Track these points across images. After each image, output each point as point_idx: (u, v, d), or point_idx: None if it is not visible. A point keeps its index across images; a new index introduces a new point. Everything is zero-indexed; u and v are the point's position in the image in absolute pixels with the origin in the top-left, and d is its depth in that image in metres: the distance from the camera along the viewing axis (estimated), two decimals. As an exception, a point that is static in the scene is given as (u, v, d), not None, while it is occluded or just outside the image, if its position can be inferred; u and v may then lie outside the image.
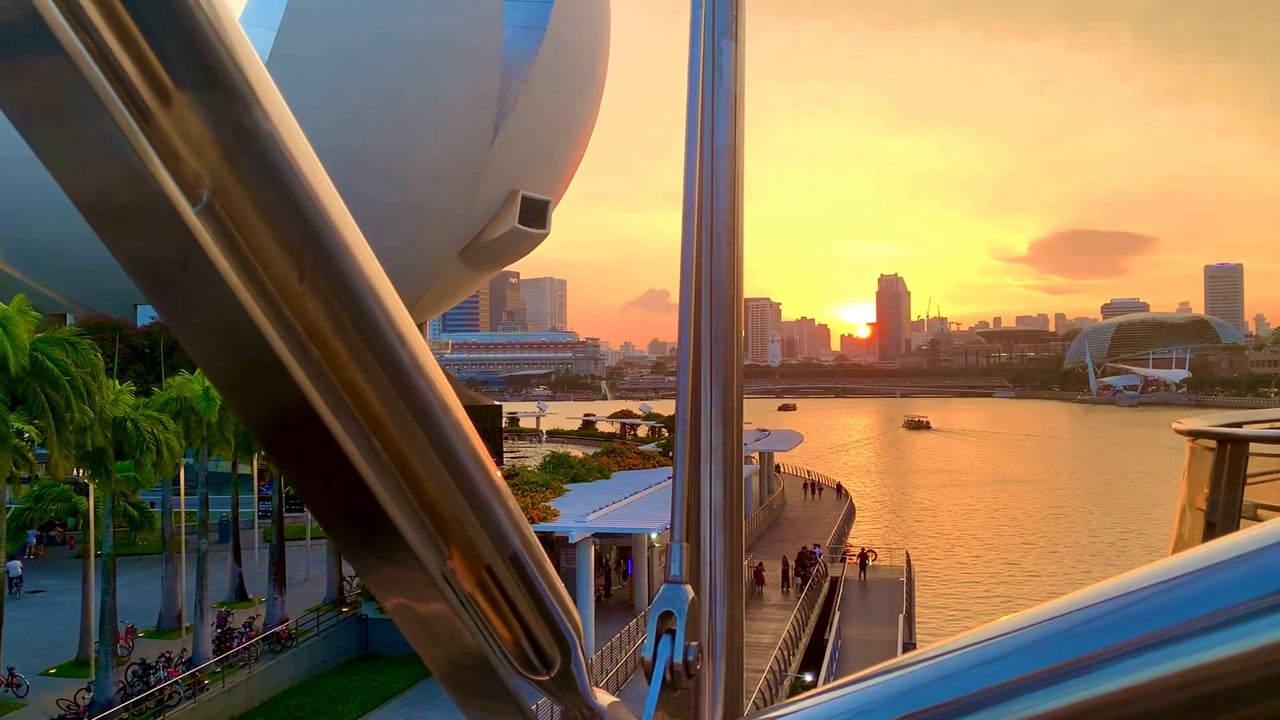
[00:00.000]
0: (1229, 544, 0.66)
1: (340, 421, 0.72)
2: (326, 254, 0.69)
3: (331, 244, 0.69)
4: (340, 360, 0.71)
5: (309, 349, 0.70)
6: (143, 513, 41.37)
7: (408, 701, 36.01)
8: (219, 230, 0.65)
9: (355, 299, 0.71)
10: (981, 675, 0.72)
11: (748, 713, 1.56)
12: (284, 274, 0.67)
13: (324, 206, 0.69)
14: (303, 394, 0.70)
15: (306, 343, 0.69)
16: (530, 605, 0.88)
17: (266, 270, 0.67)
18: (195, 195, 0.64)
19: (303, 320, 0.69)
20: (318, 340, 0.70)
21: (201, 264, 0.65)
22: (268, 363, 0.69)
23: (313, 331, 0.69)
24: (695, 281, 1.62)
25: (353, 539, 0.78)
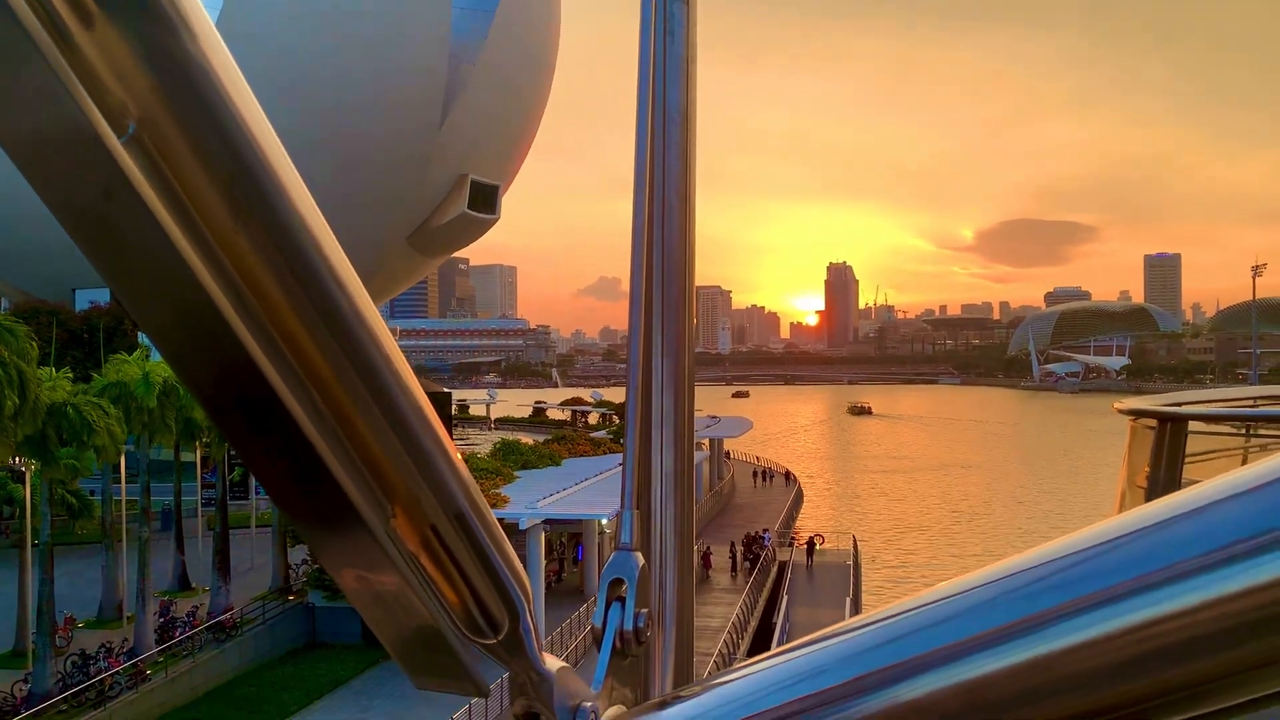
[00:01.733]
0: (1169, 504, 0.66)
1: (277, 370, 0.70)
2: (260, 192, 0.66)
3: (266, 182, 0.66)
4: (277, 306, 0.68)
5: (244, 293, 0.67)
6: (82, 501, 40.61)
7: (355, 690, 35.75)
8: (146, 163, 0.63)
9: (291, 241, 0.68)
10: (932, 636, 0.73)
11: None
12: (215, 211, 0.64)
13: (258, 142, 0.66)
14: (238, 340, 0.68)
15: (241, 286, 0.67)
16: (477, 566, 0.86)
17: (197, 207, 0.64)
18: (121, 125, 0.62)
19: (236, 262, 0.66)
20: (252, 283, 0.67)
21: (127, 197, 0.63)
22: (200, 306, 0.66)
23: (247, 274, 0.67)
24: (647, 248, 1.60)
25: (293, 495, 0.76)
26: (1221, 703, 0.66)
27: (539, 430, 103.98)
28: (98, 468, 36.51)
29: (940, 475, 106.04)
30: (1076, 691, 0.67)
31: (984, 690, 0.70)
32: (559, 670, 0.95)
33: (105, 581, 39.32)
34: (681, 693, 0.92)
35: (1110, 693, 0.66)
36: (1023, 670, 0.68)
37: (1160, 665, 0.64)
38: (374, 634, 0.88)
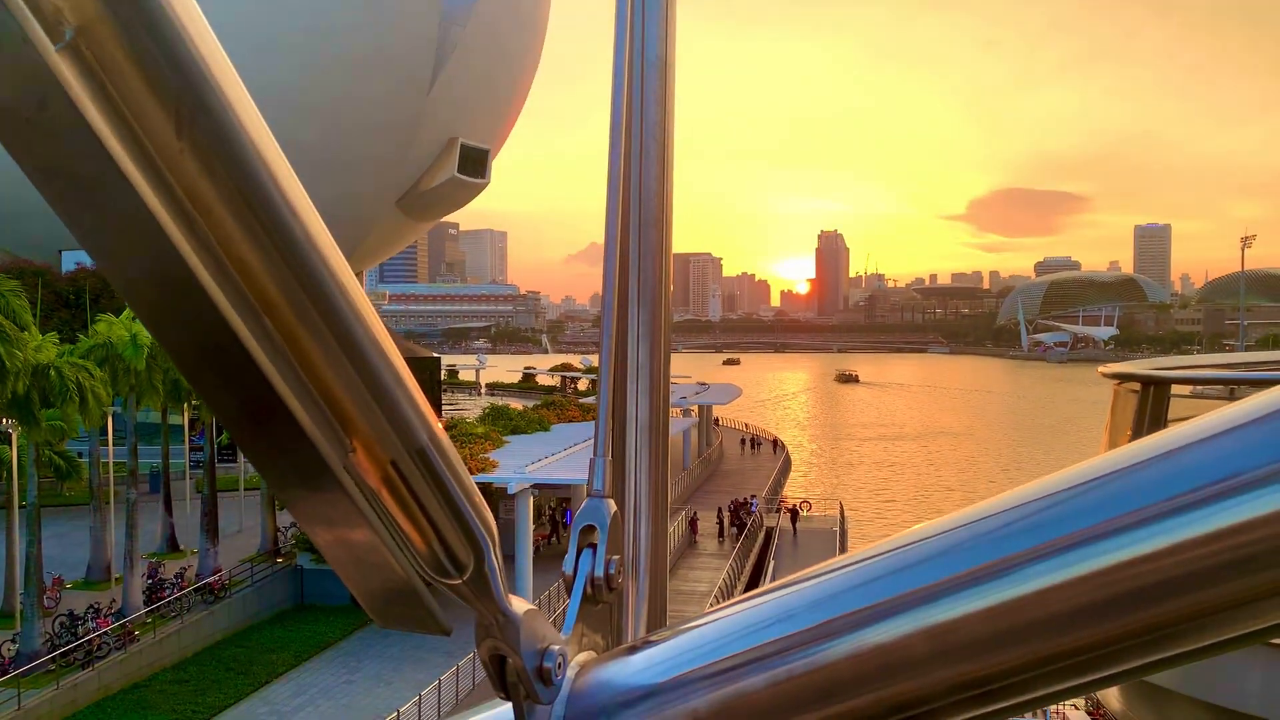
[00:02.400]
0: (1137, 449, 0.67)
1: (227, 296, 0.68)
2: (206, 108, 0.63)
3: (212, 97, 0.63)
4: (225, 228, 0.66)
5: (191, 214, 0.65)
6: (69, 462, 40.55)
7: (343, 651, 36.00)
8: (84, 73, 0.60)
9: (239, 160, 0.65)
10: (900, 580, 0.73)
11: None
12: (159, 126, 0.62)
13: (203, 55, 0.63)
14: (184, 263, 0.66)
15: (188, 207, 0.64)
16: (439, 504, 0.85)
17: (139, 121, 0.62)
18: (57, 32, 0.58)
19: (181, 180, 0.64)
20: (200, 205, 0.65)
21: (62, 108, 0.60)
22: (144, 226, 0.64)
23: (193, 194, 0.64)
24: (623, 195, 1.57)
25: (248, 428, 0.74)
26: (1188, 645, 0.67)
27: (528, 396, 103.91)
28: (84, 430, 36.39)
29: (928, 443, 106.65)
30: (1044, 635, 0.68)
31: (952, 633, 0.70)
32: (526, 612, 0.95)
33: (93, 543, 39.38)
34: (652, 637, 0.93)
35: (1078, 636, 0.67)
36: (990, 614, 0.69)
37: (1128, 609, 0.65)
38: (336, 573, 0.86)
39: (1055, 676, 0.70)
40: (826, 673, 0.76)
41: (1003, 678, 0.71)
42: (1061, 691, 0.72)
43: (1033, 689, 0.72)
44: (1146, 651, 0.67)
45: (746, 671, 0.80)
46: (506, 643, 0.93)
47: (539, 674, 0.94)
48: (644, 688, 0.87)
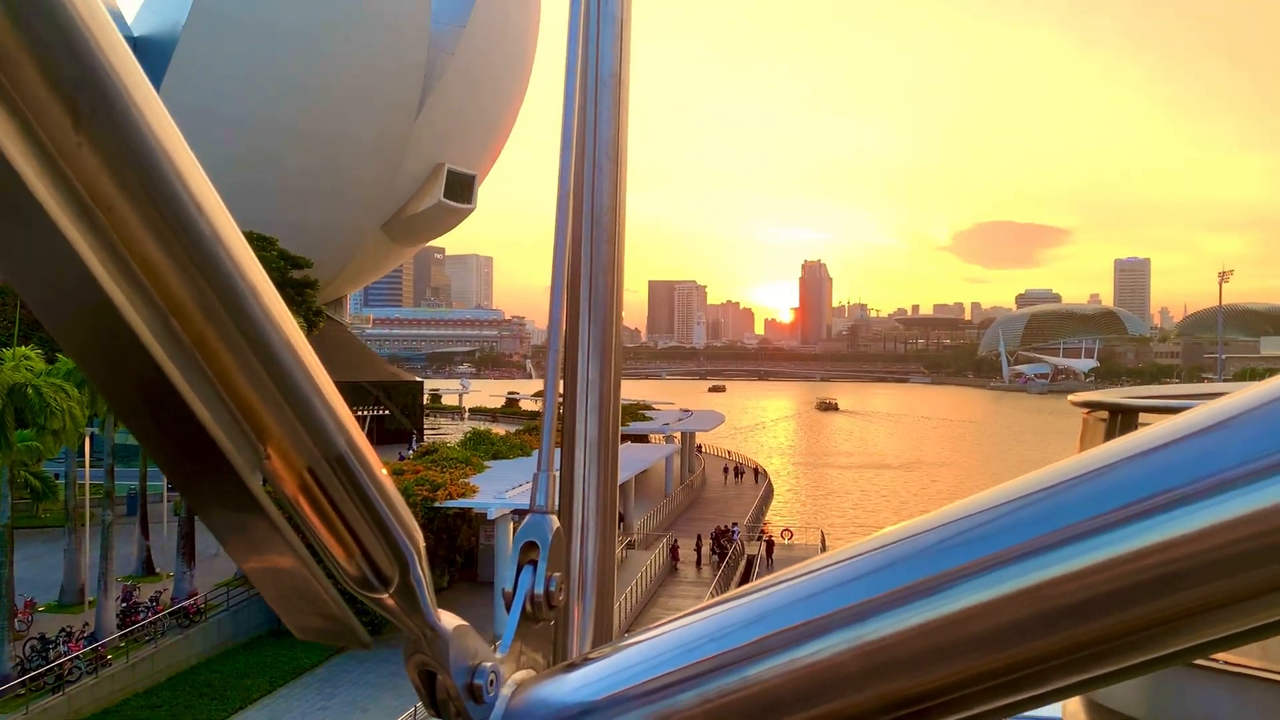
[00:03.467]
0: (1069, 466, 0.67)
1: (130, 296, 0.65)
2: (107, 100, 0.60)
3: (113, 89, 0.60)
4: (128, 226, 0.63)
5: (91, 211, 0.61)
6: (45, 483, 40.03)
7: (319, 678, 35.56)
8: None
9: (142, 155, 0.62)
10: (834, 597, 0.73)
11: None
12: (55, 119, 0.58)
13: (103, 45, 0.60)
14: (84, 263, 0.62)
15: (88, 203, 0.61)
16: (360, 514, 0.82)
17: (34, 113, 0.58)
18: None
19: (81, 176, 0.60)
20: (100, 201, 0.61)
21: None
22: (38, 223, 0.60)
23: (93, 190, 0.61)
24: (574, 210, 1.57)
25: (153, 432, 0.71)
26: (1118, 663, 0.67)
27: (512, 421, 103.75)
28: (56, 451, 36.02)
29: (910, 472, 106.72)
30: (977, 652, 0.67)
31: (884, 651, 0.70)
32: (456, 628, 0.92)
33: (67, 565, 38.83)
34: (591, 655, 0.90)
35: (1011, 653, 0.66)
36: (923, 631, 0.68)
37: (1058, 626, 0.64)
38: (251, 583, 0.83)
39: (988, 694, 0.70)
40: (759, 691, 0.75)
41: (935, 695, 0.70)
42: (995, 710, 0.72)
43: (966, 707, 0.71)
44: (1078, 669, 0.67)
45: (680, 689, 0.79)
46: (435, 659, 0.91)
47: (469, 691, 0.91)
48: (579, 705, 0.85)
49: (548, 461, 1.22)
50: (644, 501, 60.96)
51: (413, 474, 43.61)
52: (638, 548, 51.46)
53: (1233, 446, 0.60)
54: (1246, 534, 0.59)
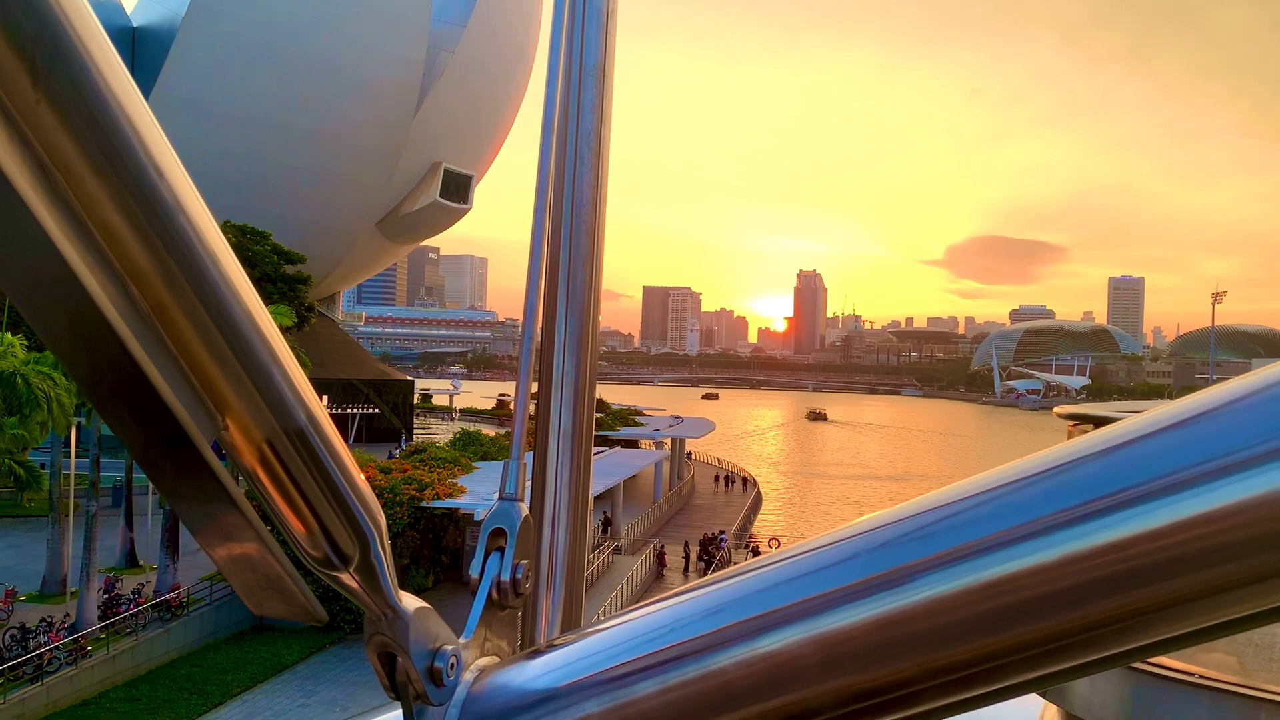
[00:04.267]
0: (1027, 464, 0.68)
1: (87, 260, 0.64)
2: (65, 56, 0.58)
3: (70, 46, 0.59)
4: (86, 187, 0.62)
5: (49, 171, 0.60)
6: (30, 472, 39.83)
7: (300, 674, 35.43)
8: None
9: (101, 114, 0.61)
10: (791, 590, 0.73)
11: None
12: (13, 75, 0.57)
13: (63, 6, 0.58)
14: (40, 225, 0.61)
15: (46, 163, 0.60)
16: (320, 490, 0.81)
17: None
18: None
19: (38, 134, 0.59)
20: (59, 161, 0.60)
21: None
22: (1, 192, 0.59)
23: (51, 149, 0.60)
24: (552, 201, 1.56)
25: (108, 398, 0.69)
26: (1076, 659, 0.67)
27: (502, 423, 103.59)
28: (43, 439, 35.85)
29: (901, 485, 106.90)
30: (934, 646, 0.68)
31: (842, 643, 0.70)
32: (418, 610, 0.92)
33: (50, 555, 38.67)
34: (555, 641, 0.91)
35: (968, 648, 0.67)
36: (881, 623, 0.69)
37: (1015, 621, 0.65)
38: (213, 560, 0.82)
39: (945, 689, 0.70)
40: (717, 680, 0.75)
41: (893, 689, 0.71)
42: (951, 705, 0.72)
43: (923, 701, 0.72)
44: (1034, 665, 0.68)
45: (640, 678, 0.79)
46: (395, 640, 0.90)
47: (430, 674, 0.91)
48: (539, 692, 0.85)
49: (519, 450, 1.23)
50: (632, 507, 60.93)
51: (400, 473, 43.52)
52: (624, 553, 51.43)
53: (1189, 446, 0.61)
54: (1202, 533, 0.59)
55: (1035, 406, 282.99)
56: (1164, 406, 0.64)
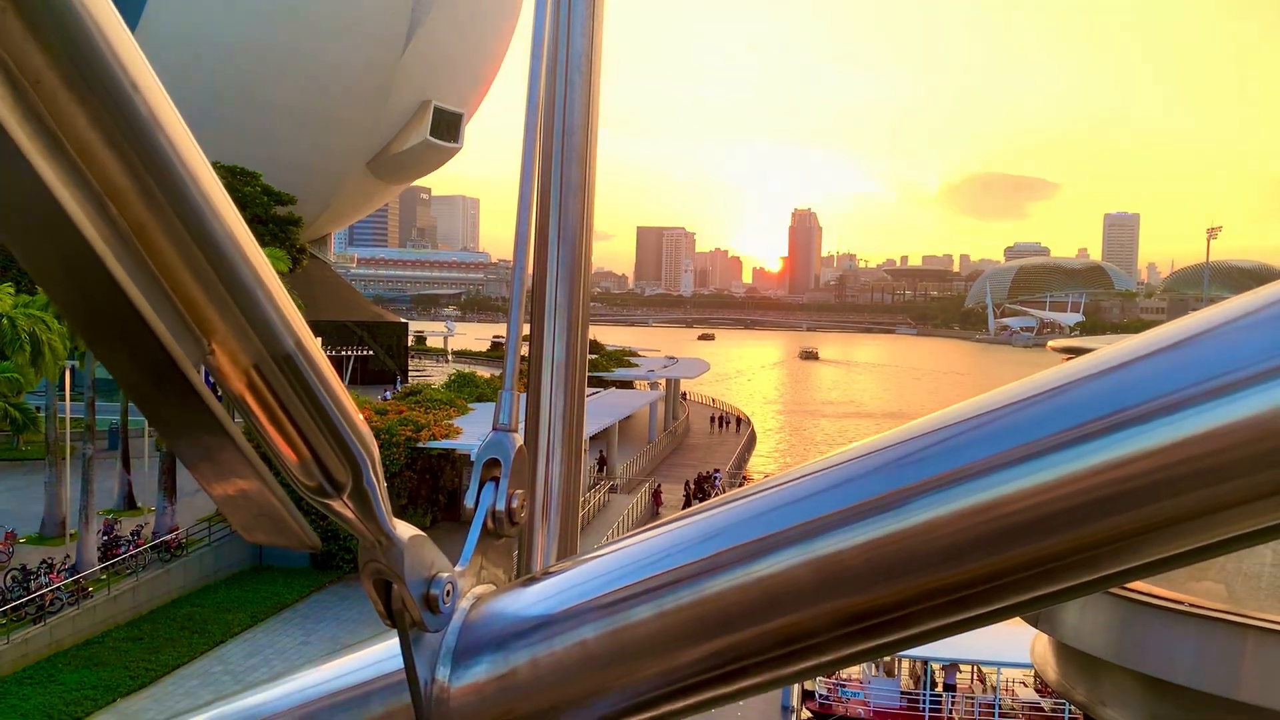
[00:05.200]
0: (1026, 385, 0.68)
1: (62, 176, 0.62)
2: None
3: None
4: (58, 101, 0.60)
5: (19, 83, 0.58)
6: (26, 415, 39.90)
7: (300, 613, 35.89)
8: None
9: (70, 22, 0.58)
10: (789, 514, 0.74)
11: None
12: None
13: None
14: (12, 139, 0.59)
15: (15, 74, 0.58)
16: (310, 415, 0.80)
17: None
18: None
19: (6, 44, 0.57)
20: (28, 73, 0.58)
21: None
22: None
23: (20, 61, 0.58)
24: (543, 126, 1.52)
25: (91, 321, 0.69)
26: (1070, 580, 0.68)
27: (496, 365, 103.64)
28: (36, 383, 35.86)
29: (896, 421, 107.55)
30: (929, 568, 0.68)
31: (837, 566, 0.71)
32: (412, 537, 0.92)
33: (48, 498, 38.86)
34: (551, 569, 0.92)
35: (962, 569, 0.68)
36: (877, 546, 0.69)
37: (1011, 543, 0.65)
38: (199, 485, 0.81)
39: (940, 610, 0.71)
40: (713, 604, 0.77)
41: (887, 610, 0.71)
42: (945, 626, 0.73)
43: (917, 623, 0.72)
44: (1027, 587, 0.68)
45: (636, 603, 0.81)
46: (390, 567, 0.90)
47: (426, 601, 0.92)
48: (536, 618, 0.87)
49: (512, 381, 1.22)
50: (627, 448, 61.30)
51: (396, 415, 43.66)
52: (620, 492, 51.84)
53: (1189, 366, 0.61)
54: (1201, 452, 0.59)
55: (1029, 344, 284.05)
56: (1163, 327, 0.64)
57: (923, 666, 31.91)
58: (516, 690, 0.87)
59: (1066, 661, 6.46)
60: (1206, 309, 0.63)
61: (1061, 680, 6.56)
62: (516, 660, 0.87)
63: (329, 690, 0.97)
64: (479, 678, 0.89)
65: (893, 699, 31.82)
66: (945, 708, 31.73)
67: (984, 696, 31.97)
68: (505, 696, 0.88)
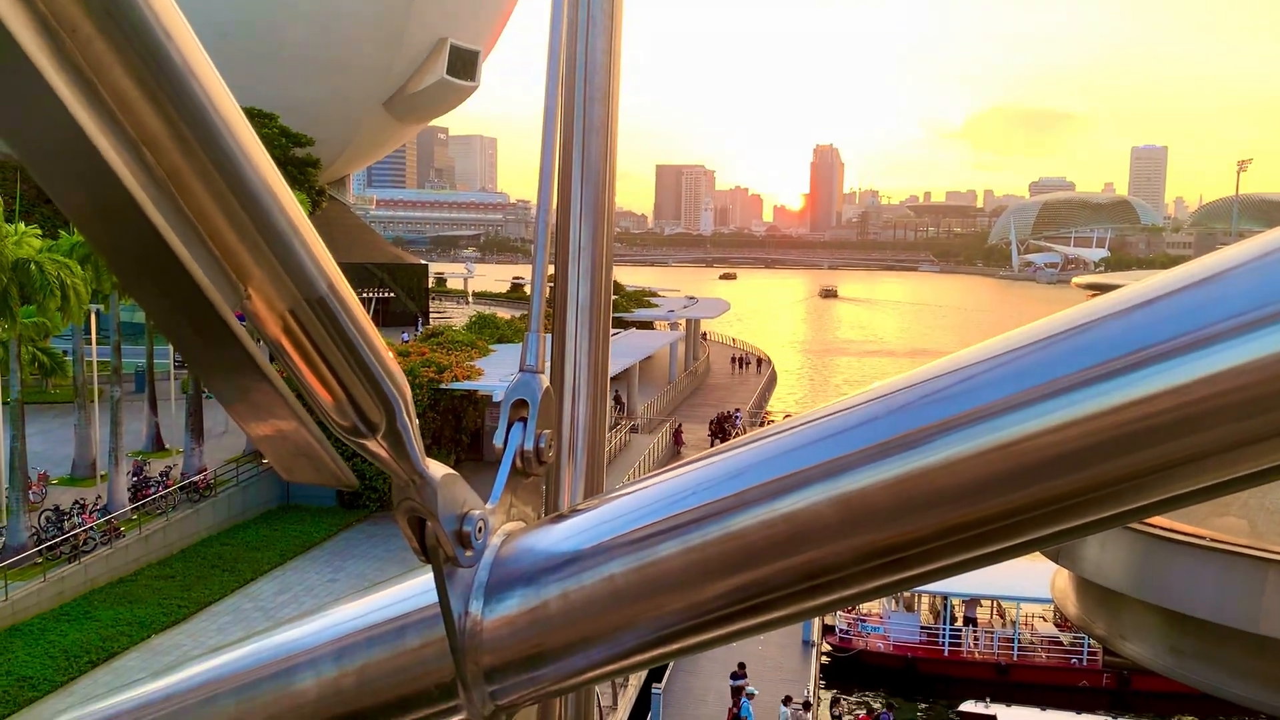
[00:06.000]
0: (1051, 322, 0.69)
1: (100, 125, 0.64)
2: None
3: None
4: (93, 49, 0.61)
5: (57, 33, 0.60)
6: (54, 359, 40.41)
7: (328, 551, 36.55)
8: None
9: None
10: (813, 452, 0.76)
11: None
12: None
13: None
14: (51, 90, 0.60)
15: (52, 24, 0.59)
16: (344, 358, 0.82)
17: None
18: None
19: (48, 2, 0.58)
20: (65, 23, 0.60)
21: None
22: (5, 49, 0.58)
23: (55, 9, 0.59)
24: (565, 66, 1.50)
25: (132, 269, 0.70)
26: (1090, 516, 0.69)
27: (516, 306, 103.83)
28: (63, 327, 36.24)
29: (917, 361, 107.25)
30: (951, 504, 0.70)
31: (860, 502, 0.73)
32: (445, 475, 0.94)
33: (78, 440, 39.53)
34: (579, 506, 0.95)
35: (983, 506, 0.69)
36: (900, 482, 0.71)
37: (1031, 480, 0.67)
38: (239, 425, 0.84)
39: (960, 546, 0.73)
40: (739, 540, 0.78)
41: (909, 546, 0.73)
42: (966, 561, 0.75)
43: (939, 558, 0.74)
44: (1049, 522, 0.70)
45: (663, 539, 0.83)
46: (424, 504, 0.93)
47: (458, 537, 0.94)
48: (565, 554, 0.89)
49: (538, 323, 1.23)
50: (648, 388, 61.49)
51: (418, 356, 43.92)
52: (641, 432, 52.13)
53: (1216, 302, 0.61)
54: (1226, 388, 0.60)
55: (1053, 280, 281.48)
56: (1189, 264, 0.64)
57: (942, 601, 32.24)
58: (547, 623, 0.89)
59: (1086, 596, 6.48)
60: (1234, 246, 0.63)
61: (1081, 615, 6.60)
62: (547, 594, 0.89)
63: (365, 624, 1.00)
64: (510, 611, 0.91)
65: (913, 633, 32.22)
66: (965, 642, 32.10)
67: (1003, 631, 32.30)
68: (536, 629, 0.90)
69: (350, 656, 0.98)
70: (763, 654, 28.43)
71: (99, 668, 27.14)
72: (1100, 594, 6.21)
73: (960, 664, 31.55)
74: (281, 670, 1.00)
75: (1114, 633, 6.29)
